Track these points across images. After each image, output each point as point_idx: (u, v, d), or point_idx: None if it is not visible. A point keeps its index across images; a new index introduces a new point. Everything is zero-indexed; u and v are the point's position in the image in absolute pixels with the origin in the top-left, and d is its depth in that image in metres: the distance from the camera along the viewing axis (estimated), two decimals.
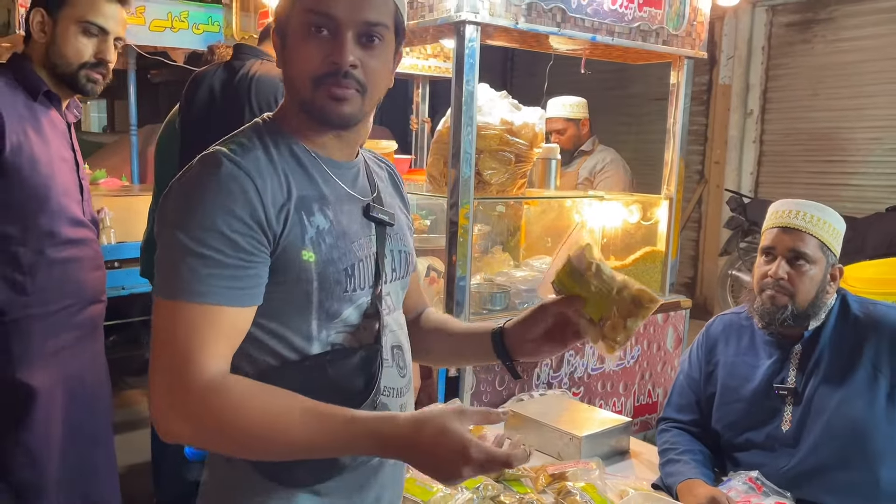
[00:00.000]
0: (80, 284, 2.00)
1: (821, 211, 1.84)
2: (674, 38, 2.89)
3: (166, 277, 1.00)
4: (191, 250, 0.99)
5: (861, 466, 1.73)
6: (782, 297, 1.82)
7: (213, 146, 1.08)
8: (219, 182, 1.01)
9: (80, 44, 1.92)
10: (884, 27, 5.79)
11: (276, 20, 1.14)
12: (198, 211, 1.00)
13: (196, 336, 0.98)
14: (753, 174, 6.81)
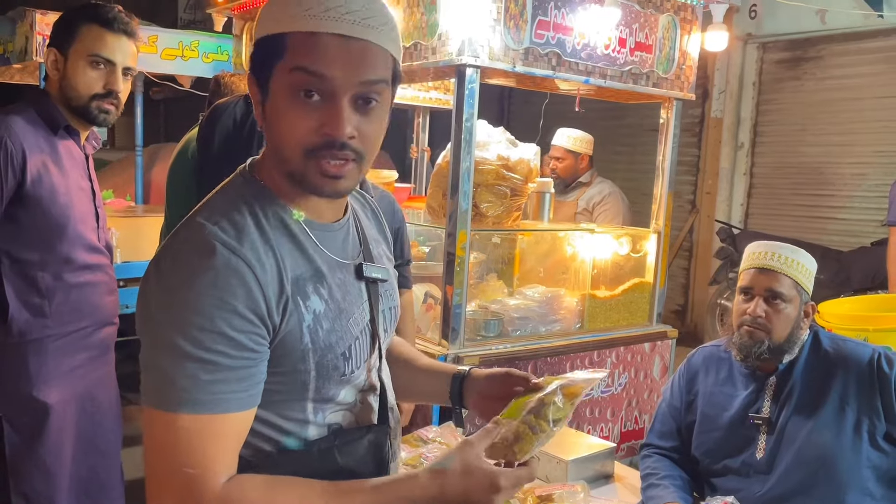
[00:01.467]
0: (95, 308, 2.11)
1: (794, 252, 1.96)
2: (663, 81, 3.04)
3: (161, 386, 0.89)
4: (189, 354, 0.88)
5: (828, 493, 1.84)
6: (759, 333, 1.94)
7: (199, 218, 0.96)
8: (216, 274, 0.89)
9: (88, 77, 2.02)
10: (870, 67, 5.98)
11: (252, 64, 0.99)
12: (194, 309, 0.88)
13: (203, 451, 0.89)
14: (744, 205, 6.96)
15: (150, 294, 0.92)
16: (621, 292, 3.18)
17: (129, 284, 3.91)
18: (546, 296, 2.98)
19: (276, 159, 0.99)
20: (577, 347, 2.93)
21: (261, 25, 0.97)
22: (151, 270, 0.94)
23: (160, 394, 0.89)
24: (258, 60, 0.97)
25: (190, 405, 0.88)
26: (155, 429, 0.89)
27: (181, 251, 0.93)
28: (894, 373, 1.86)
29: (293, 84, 0.93)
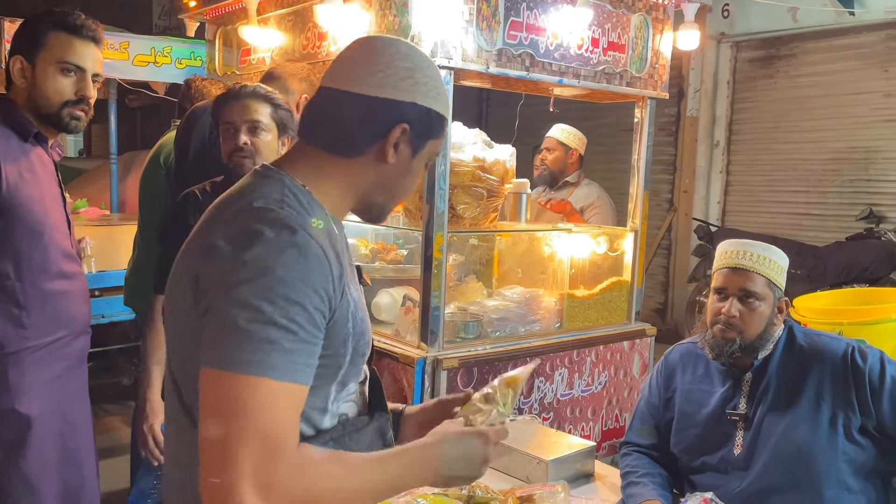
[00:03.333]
0: (72, 316, 2.08)
1: (766, 250, 1.96)
2: (637, 80, 3.06)
3: (245, 351, 0.91)
4: (275, 322, 0.92)
5: (805, 487, 1.85)
6: (731, 333, 1.94)
7: (257, 203, 1.00)
8: (299, 252, 0.95)
9: (59, 84, 2.00)
10: (841, 63, 6.06)
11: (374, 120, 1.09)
12: (280, 280, 0.93)
13: (283, 416, 0.93)
14: (720, 203, 7.03)
15: (227, 265, 0.94)
16: (599, 291, 3.19)
17: (104, 294, 3.87)
18: (525, 296, 2.98)
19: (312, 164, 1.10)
20: (556, 347, 2.94)
21: (420, 96, 1.08)
22: (221, 246, 0.96)
23: (244, 358, 0.91)
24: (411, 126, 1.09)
25: (274, 371, 0.91)
26: (233, 391, 0.90)
27: (261, 230, 0.96)
28: (868, 366, 1.87)
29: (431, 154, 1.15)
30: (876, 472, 1.88)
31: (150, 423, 2.07)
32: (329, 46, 2.95)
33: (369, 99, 1.05)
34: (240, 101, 2.09)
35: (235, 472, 0.89)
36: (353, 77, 1.07)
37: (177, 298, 1.05)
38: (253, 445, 0.90)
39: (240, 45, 3.58)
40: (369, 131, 1.07)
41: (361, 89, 1.06)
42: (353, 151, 1.08)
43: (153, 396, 2.09)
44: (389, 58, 1.07)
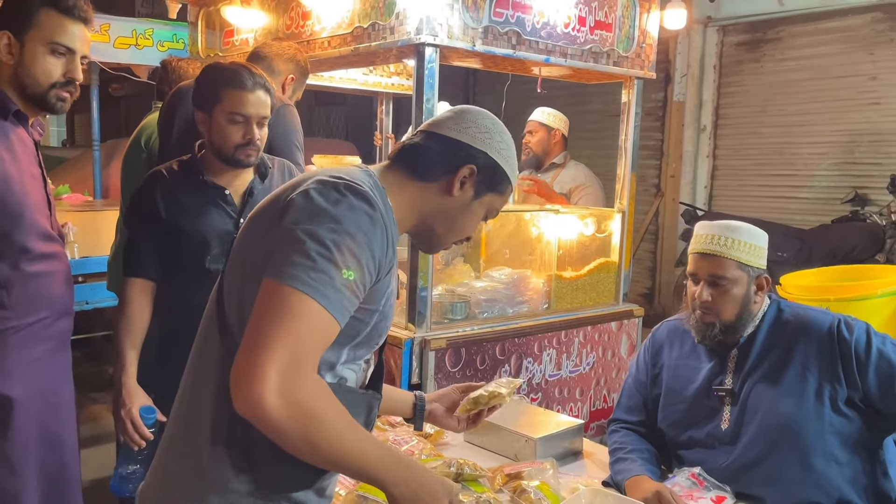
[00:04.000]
0: (53, 297, 2.04)
1: (734, 231, 1.94)
2: (624, 60, 3.04)
3: (305, 269, 1.05)
4: (335, 262, 1.07)
5: (793, 459, 1.86)
6: (709, 317, 1.95)
7: (332, 176, 1.15)
8: (371, 222, 1.12)
9: (48, 64, 1.95)
10: (827, 47, 6.07)
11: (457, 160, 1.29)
12: (348, 233, 1.09)
13: (319, 338, 1.08)
14: (707, 188, 7.04)
15: (314, 208, 1.10)
16: (587, 272, 3.18)
17: (88, 280, 3.83)
18: (513, 277, 2.97)
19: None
20: (544, 328, 2.93)
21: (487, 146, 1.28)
22: (313, 195, 1.12)
23: (305, 279, 1.05)
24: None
25: (323, 298, 1.06)
26: (288, 301, 1.04)
27: (347, 195, 1.12)
28: (854, 338, 1.87)
29: (491, 207, 1.35)
30: (862, 444, 1.89)
31: (129, 408, 2.04)
32: (313, 26, 2.92)
33: (451, 140, 1.28)
34: (252, 93, 2.05)
35: (269, 360, 1.01)
36: (445, 125, 1.29)
37: (254, 238, 1.19)
38: (289, 347, 1.03)
39: (223, 26, 3.53)
40: (444, 164, 1.27)
41: (448, 133, 1.28)
42: (428, 177, 1.27)
43: (128, 381, 2.05)
44: (476, 117, 1.30)
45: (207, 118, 2.07)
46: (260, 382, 1.01)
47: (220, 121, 2.05)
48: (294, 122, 2.54)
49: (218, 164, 2.11)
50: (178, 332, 2.15)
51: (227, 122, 2.05)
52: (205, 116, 2.07)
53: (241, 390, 1.02)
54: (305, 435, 1.05)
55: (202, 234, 2.10)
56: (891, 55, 5.72)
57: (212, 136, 2.08)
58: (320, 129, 10.69)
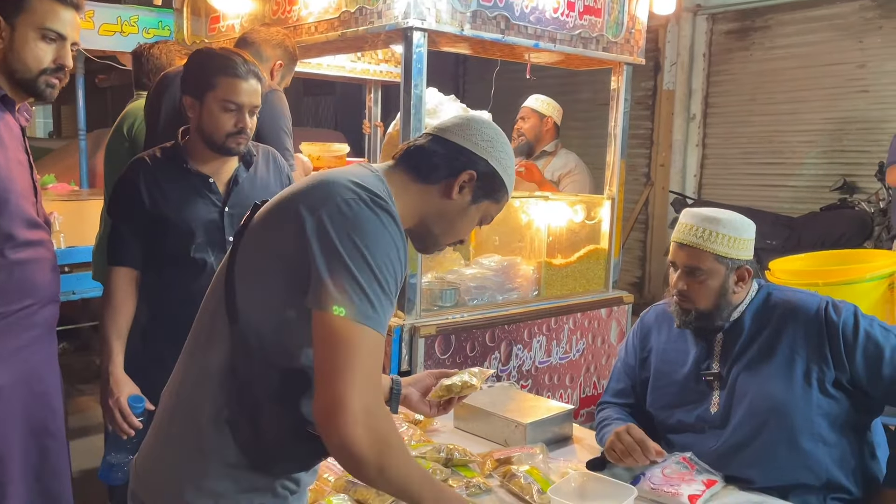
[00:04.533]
0: (38, 285, 2.02)
1: (715, 224, 1.92)
2: (613, 45, 3.03)
3: (358, 298, 1.11)
4: (380, 283, 1.13)
5: (780, 442, 1.86)
6: (686, 304, 1.96)
7: (352, 182, 1.19)
8: (400, 236, 1.19)
9: (39, 50, 1.92)
10: (816, 35, 6.08)
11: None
12: (383, 250, 1.14)
13: (379, 360, 1.15)
14: (697, 176, 7.05)
15: (347, 221, 1.14)
16: (577, 259, 3.18)
17: (74, 269, 3.79)
18: (502, 264, 2.96)
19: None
20: (534, 315, 2.93)
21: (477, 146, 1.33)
22: (337, 200, 1.16)
23: (356, 306, 1.11)
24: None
25: (376, 324, 1.12)
26: (353, 337, 1.10)
27: (373, 202, 1.17)
28: (842, 320, 1.87)
29: (486, 213, 1.43)
30: (850, 425, 1.89)
31: (116, 397, 2.02)
32: (300, 11, 2.89)
33: (454, 144, 1.32)
34: (246, 81, 2.02)
35: (352, 396, 1.08)
36: (450, 130, 1.35)
37: (264, 239, 1.24)
38: (364, 378, 1.10)
39: (208, 12, 3.49)
40: (446, 167, 1.31)
41: (452, 138, 1.33)
42: (429, 179, 1.31)
43: (115, 370, 2.04)
44: (481, 126, 1.35)
45: (198, 104, 2.04)
46: (350, 419, 1.08)
47: (213, 108, 2.02)
48: (282, 107, 2.52)
49: (204, 151, 2.08)
50: (163, 320, 2.13)
51: (220, 110, 2.01)
52: (194, 102, 2.04)
53: (333, 426, 1.09)
54: (380, 463, 1.12)
55: (186, 223, 2.08)
56: (879, 43, 5.73)
57: (202, 123, 2.04)
58: (309, 119, 10.63)
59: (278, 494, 1.28)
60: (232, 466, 1.22)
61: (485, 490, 1.85)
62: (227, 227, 2.10)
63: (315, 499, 1.72)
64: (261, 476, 1.25)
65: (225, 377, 1.22)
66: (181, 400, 1.29)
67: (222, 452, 1.22)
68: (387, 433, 1.14)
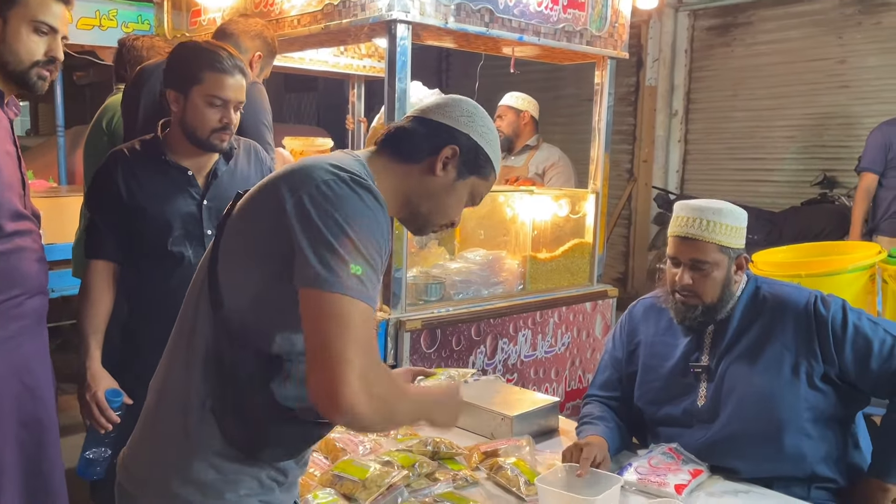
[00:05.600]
0: (25, 275, 1.99)
1: (715, 214, 1.91)
2: (597, 39, 3.03)
3: (343, 273, 1.11)
4: (365, 257, 1.13)
5: (766, 435, 1.87)
6: (693, 300, 1.93)
7: (331, 165, 1.19)
8: (382, 213, 1.19)
9: (31, 42, 1.92)
10: (797, 31, 6.13)
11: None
12: (369, 229, 1.14)
13: (370, 331, 1.15)
14: (679, 172, 7.09)
15: (329, 201, 1.13)
16: (562, 253, 3.18)
17: (54, 267, 3.72)
18: (487, 258, 2.95)
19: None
20: (519, 308, 2.92)
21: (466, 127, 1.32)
22: (317, 181, 1.15)
23: (345, 281, 1.10)
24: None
25: (365, 298, 1.12)
26: (342, 311, 1.10)
27: (352, 181, 1.16)
28: (831, 314, 1.88)
29: (473, 191, 1.41)
30: (836, 419, 1.90)
31: (94, 392, 1.99)
32: (282, 3, 2.86)
33: (434, 122, 1.32)
34: (232, 77, 1.99)
35: (347, 369, 1.07)
36: (430, 110, 1.34)
37: (246, 225, 1.24)
38: (357, 350, 1.09)
39: (189, 6, 3.46)
40: (427, 145, 1.30)
41: (432, 116, 1.32)
42: (412, 159, 1.31)
43: (93, 365, 2.01)
44: (459, 102, 1.35)
45: (182, 98, 2.01)
46: (347, 391, 1.07)
47: (198, 103, 1.99)
48: (262, 100, 2.50)
49: (185, 144, 2.06)
50: (141, 314, 2.11)
51: (205, 105, 1.99)
52: (178, 96, 2.01)
53: (333, 402, 1.08)
54: (387, 418, 1.18)
55: (164, 216, 2.06)
56: (859, 39, 5.79)
57: (185, 118, 2.01)
58: (291, 116, 10.57)
59: (265, 485, 1.27)
60: (218, 456, 1.22)
61: (472, 483, 1.85)
62: (205, 221, 2.08)
63: (301, 493, 1.70)
64: (247, 465, 1.24)
65: (210, 366, 1.22)
66: (167, 391, 1.28)
67: (208, 442, 1.21)
68: (386, 393, 1.15)
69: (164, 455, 1.25)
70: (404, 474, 1.76)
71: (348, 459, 1.82)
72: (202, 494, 1.22)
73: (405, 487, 1.75)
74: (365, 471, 1.74)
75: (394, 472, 1.75)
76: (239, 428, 1.21)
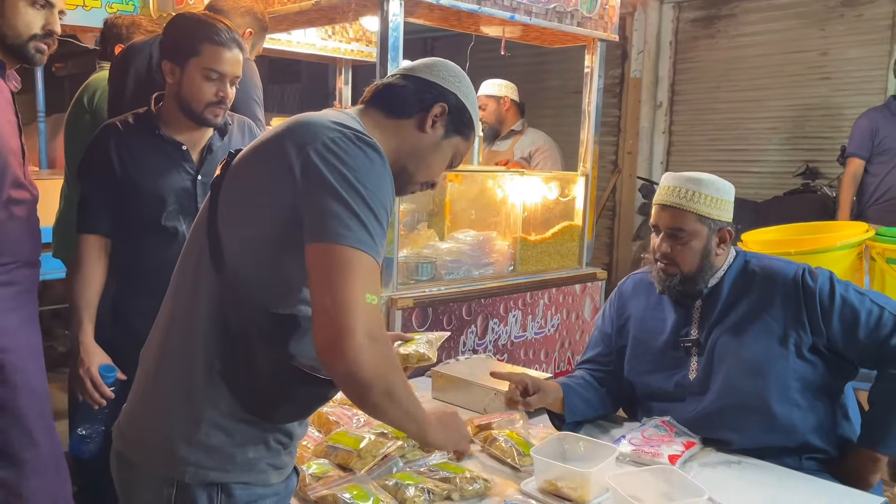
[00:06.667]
0: (16, 241, 1.99)
1: (697, 184, 1.93)
2: (587, 21, 3.04)
3: (354, 226, 1.11)
4: (371, 209, 1.13)
5: (756, 405, 1.88)
6: (671, 268, 1.96)
7: (336, 123, 1.18)
8: (385, 169, 1.19)
9: (29, 16, 1.93)
10: (780, 23, 6.17)
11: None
12: (372, 178, 1.15)
13: (377, 285, 1.15)
14: (663, 163, 7.12)
15: (336, 157, 1.13)
16: (552, 235, 3.18)
17: None
18: (478, 239, 2.95)
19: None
20: (510, 289, 2.92)
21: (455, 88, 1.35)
22: (323, 138, 1.15)
23: (353, 233, 1.10)
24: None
25: (372, 250, 1.12)
26: (350, 263, 1.09)
27: (356, 137, 1.17)
28: (818, 286, 1.89)
29: (456, 151, 1.43)
30: (824, 390, 1.92)
31: (87, 367, 1.97)
32: None
33: (425, 80, 1.34)
34: (230, 51, 1.97)
35: (355, 322, 1.07)
36: (418, 69, 1.36)
37: (252, 181, 1.22)
38: (363, 303, 1.09)
39: None
40: (418, 101, 1.32)
41: (422, 75, 1.34)
42: (402, 114, 1.32)
43: (86, 339, 1.98)
44: (446, 63, 1.38)
45: (178, 70, 1.98)
46: (355, 345, 1.07)
47: (194, 76, 1.96)
48: (254, 76, 2.47)
49: (180, 119, 2.03)
50: (134, 289, 2.08)
51: (202, 79, 1.97)
52: (174, 68, 1.98)
53: (339, 355, 1.07)
54: (388, 387, 1.13)
55: (158, 191, 2.03)
56: (841, 31, 5.85)
57: (181, 91, 1.99)
58: (274, 107, 10.46)
59: (271, 448, 1.26)
60: (226, 419, 1.20)
61: (466, 455, 1.84)
62: (199, 196, 2.06)
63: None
64: (255, 428, 1.23)
65: (215, 328, 1.20)
66: (168, 357, 1.26)
67: (216, 404, 1.20)
68: (391, 357, 1.15)
69: (168, 421, 1.23)
70: (399, 444, 1.75)
71: (342, 431, 1.81)
72: (210, 458, 1.20)
73: (399, 458, 1.74)
74: (359, 441, 1.73)
75: (388, 442, 1.75)
76: (251, 388, 1.19)
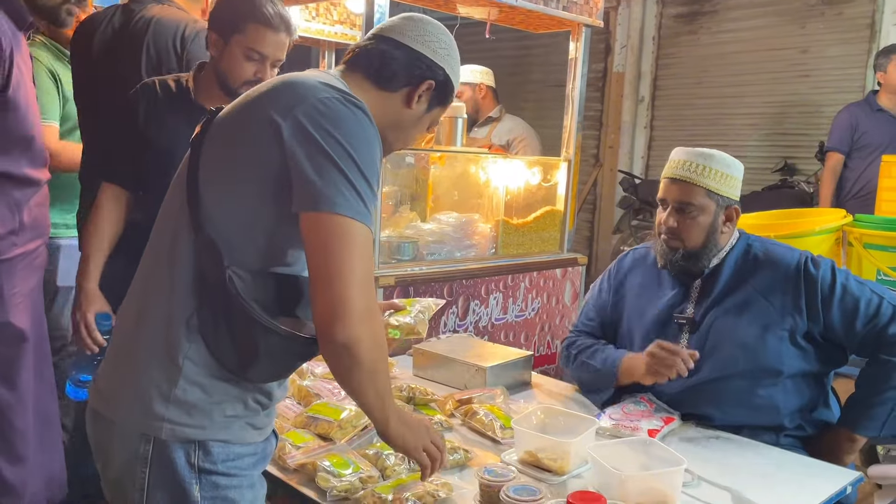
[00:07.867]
0: (45, 224, 2.01)
1: (708, 159, 1.93)
2: (573, 6, 3.04)
3: (352, 196, 1.09)
4: (364, 175, 1.11)
5: (744, 385, 1.89)
6: (675, 242, 1.95)
7: (327, 84, 1.17)
8: (373, 129, 1.17)
9: None
10: (761, 20, 6.23)
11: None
12: (364, 143, 1.13)
13: (371, 255, 1.14)
14: (644, 158, 7.17)
15: (326, 120, 1.11)
16: (534, 220, 3.19)
17: None
18: (461, 221, 2.95)
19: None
20: (491, 271, 2.92)
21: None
22: (311, 100, 1.13)
23: (347, 202, 1.09)
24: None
25: (365, 218, 1.11)
26: (347, 233, 1.09)
27: (346, 99, 1.15)
28: (820, 274, 1.90)
29: (434, 119, 1.42)
30: (811, 375, 1.94)
31: (83, 312, 1.96)
32: None
33: (416, 52, 1.29)
34: (276, 33, 1.93)
35: (353, 292, 1.08)
36: (406, 34, 1.30)
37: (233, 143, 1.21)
38: (361, 274, 1.09)
39: None
40: (405, 75, 1.29)
41: (413, 44, 1.29)
42: (390, 87, 1.29)
43: (87, 285, 1.97)
44: (437, 32, 1.32)
45: (221, 43, 1.95)
46: (355, 318, 1.08)
47: (236, 52, 1.94)
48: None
49: (216, 90, 2.01)
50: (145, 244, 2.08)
51: (243, 57, 1.94)
52: (218, 41, 1.96)
53: (339, 327, 1.07)
54: (374, 366, 1.13)
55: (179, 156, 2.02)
56: (821, 29, 5.92)
57: (221, 64, 1.96)
58: None
59: (249, 407, 1.25)
60: (203, 376, 1.19)
61: (447, 428, 1.84)
62: None
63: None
64: (233, 386, 1.22)
65: (193, 285, 1.19)
66: (146, 313, 1.24)
67: (194, 361, 1.18)
68: (383, 336, 1.16)
69: (145, 377, 1.21)
70: None
71: (323, 402, 1.80)
72: (188, 415, 1.19)
73: None
74: (340, 412, 1.72)
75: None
76: (228, 346, 1.17)
